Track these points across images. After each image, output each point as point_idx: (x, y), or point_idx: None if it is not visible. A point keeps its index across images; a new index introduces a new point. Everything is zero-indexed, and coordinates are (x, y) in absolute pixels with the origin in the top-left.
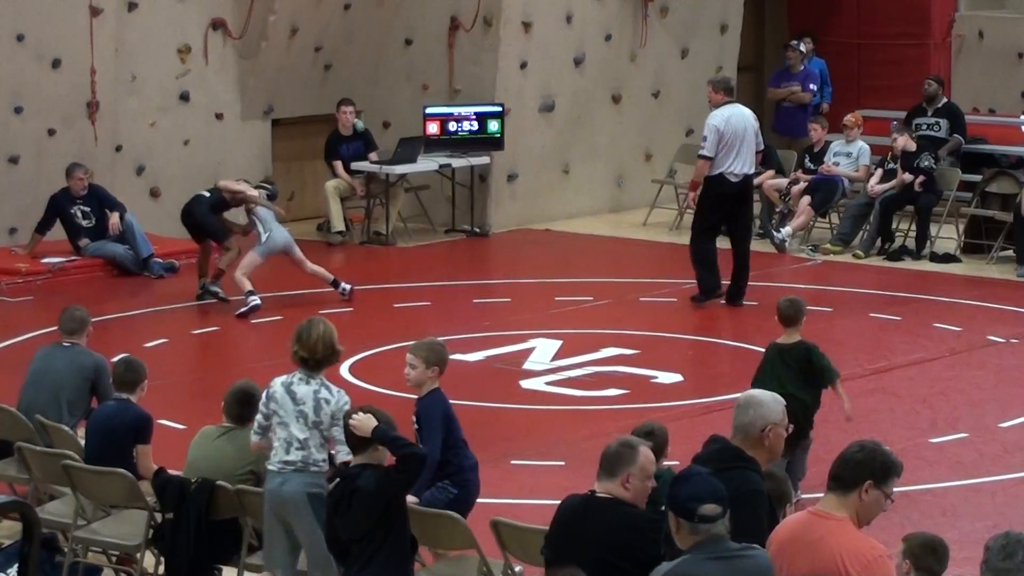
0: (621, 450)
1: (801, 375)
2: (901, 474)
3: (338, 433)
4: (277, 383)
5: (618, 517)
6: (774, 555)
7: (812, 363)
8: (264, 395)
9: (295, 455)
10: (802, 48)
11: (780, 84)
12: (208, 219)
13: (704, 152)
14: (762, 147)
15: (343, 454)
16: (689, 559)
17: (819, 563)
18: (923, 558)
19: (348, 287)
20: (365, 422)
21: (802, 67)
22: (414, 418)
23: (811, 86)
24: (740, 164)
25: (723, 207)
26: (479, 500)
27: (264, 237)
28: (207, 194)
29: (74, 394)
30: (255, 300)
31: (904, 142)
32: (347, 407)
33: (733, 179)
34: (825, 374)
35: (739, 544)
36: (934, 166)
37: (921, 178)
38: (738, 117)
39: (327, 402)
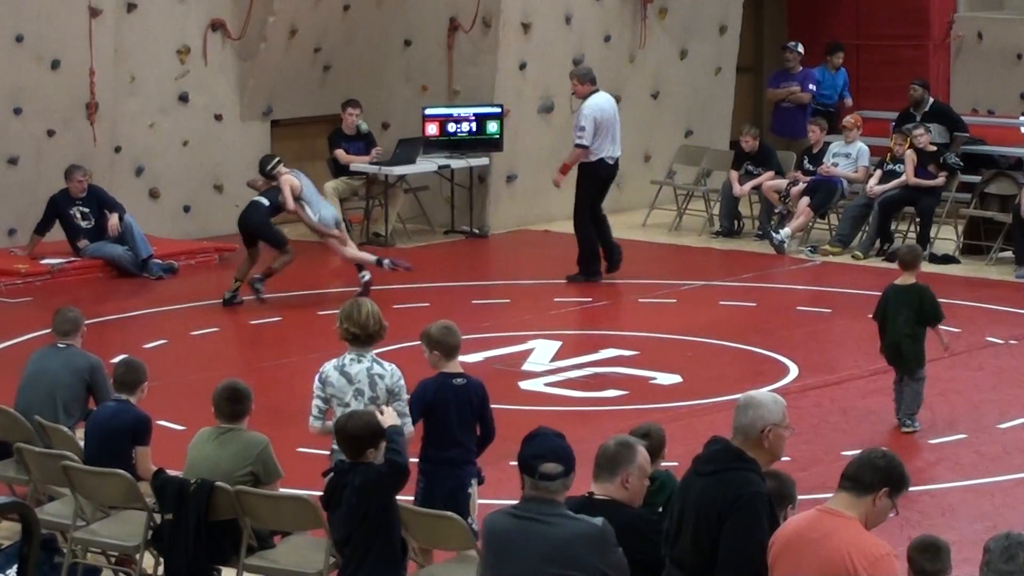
0: (619, 449)
1: (913, 313)
2: (910, 484)
3: (399, 407)
4: (329, 367)
5: (618, 519)
6: (779, 551)
7: (923, 302)
8: (318, 380)
9: None
10: (800, 50)
11: (779, 85)
12: (265, 228)
13: (583, 141)
14: None
15: (408, 424)
16: (500, 511)
17: (826, 559)
18: (916, 560)
19: (388, 262)
20: (390, 417)
21: (800, 68)
22: None
23: (810, 86)
24: (614, 148)
25: (603, 189)
26: (479, 501)
27: (315, 219)
28: (265, 202)
29: (70, 395)
30: (385, 261)
31: (926, 141)
32: (401, 381)
33: (610, 162)
34: (933, 313)
35: (564, 512)
36: (960, 163)
37: (944, 175)
38: (608, 104)
39: (381, 377)
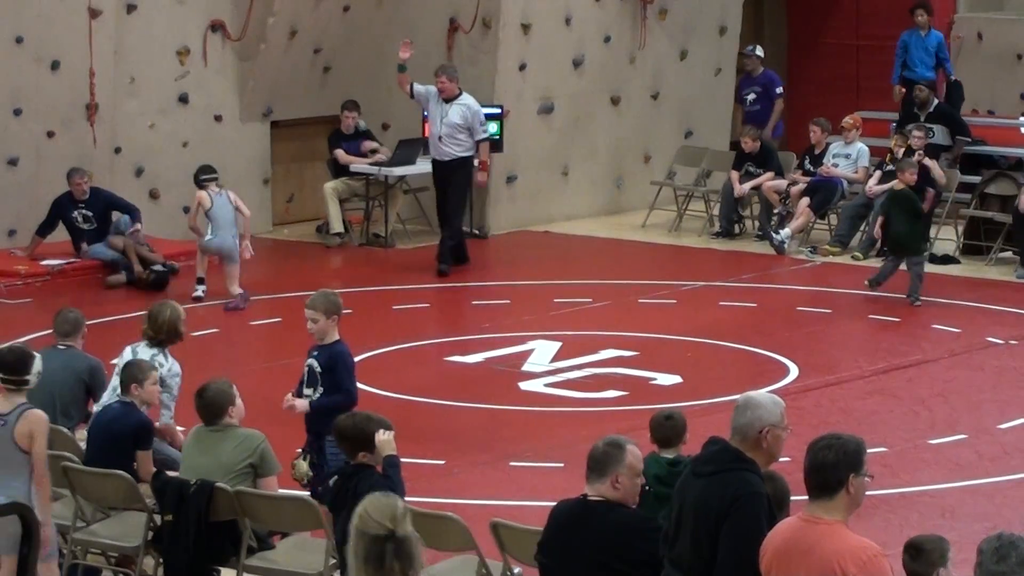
0: (608, 450)
1: (908, 210)
2: (866, 446)
3: (165, 397)
4: (128, 349)
5: (614, 519)
6: (769, 563)
7: (912, 201)
8: (120, 357)
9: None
10: (758, 53)
11: (744, 89)
12: None
13: (488, 134)
14: None
15: (166, 417)
16: None
17: (816, 569)
18: (903, 559)
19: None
20: (386, 446)
21: (761, 70)
22: (314, 363)
23: (777, 90)
24: None
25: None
26: (479, 501)
27: (204, 239)
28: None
29: (69, 396)
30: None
31: (922, 144)
32: (177, 378)
33: None
34: (916, 205)
35: None
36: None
37: (932, 193)
38: None
39: (161, 366)
